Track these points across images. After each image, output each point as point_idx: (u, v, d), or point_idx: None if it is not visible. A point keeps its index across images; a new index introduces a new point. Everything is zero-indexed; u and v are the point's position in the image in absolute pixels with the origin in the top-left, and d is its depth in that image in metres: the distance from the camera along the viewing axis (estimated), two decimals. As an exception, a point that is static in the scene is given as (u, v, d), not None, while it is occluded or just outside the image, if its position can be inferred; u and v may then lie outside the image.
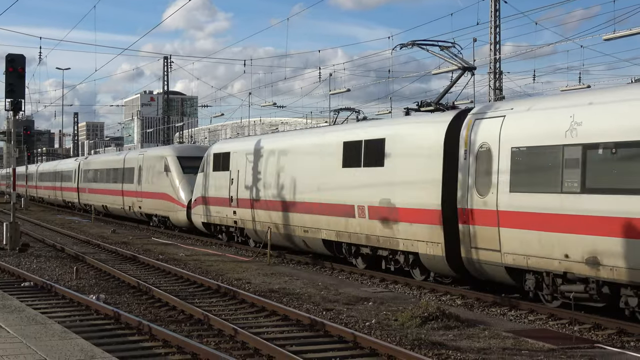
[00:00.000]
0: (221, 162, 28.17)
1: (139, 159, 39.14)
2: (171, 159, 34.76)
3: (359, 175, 19.78)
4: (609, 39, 32.86)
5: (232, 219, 27.20)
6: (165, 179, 34.69)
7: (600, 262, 12.93)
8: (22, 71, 24.81)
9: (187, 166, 33.95)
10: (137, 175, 38.93)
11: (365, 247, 19.97)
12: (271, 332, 12.55)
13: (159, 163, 35.73)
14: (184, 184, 33.25)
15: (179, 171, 33.96)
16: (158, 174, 35.66)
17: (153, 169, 36.51)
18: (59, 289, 16.39)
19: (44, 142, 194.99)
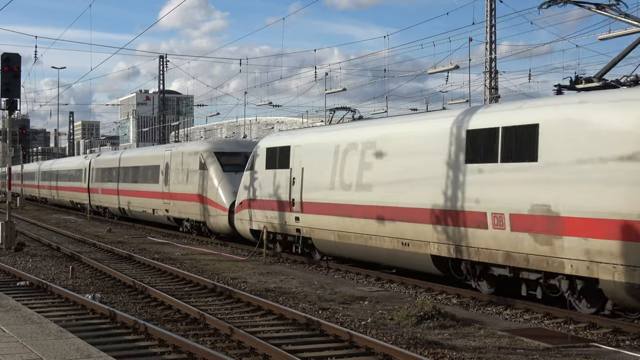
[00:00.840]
0: (277, 158, 23.69)
1: (166, 155, 34.20)
2: (208, 155, 30.03)
3: (494, 174, 15.30)
4: (604, 39, 32.89)
5: (292, 227, 22.66)
6: (201, 178, 30.10)
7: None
8: (17, 70, 24.78)
9: (227, 163, 29.56)
10: (163, 174, 34.09)
11: (500, 268, 15.56)
12: (267, 331, 12.56)
13: (193, 160, 31.04)
14: (225, 184, 28.70)
15: (218, 169, 29.37)
16: (191, 173, 31.04)
17: (184, 166, 31.81)
18: (54, 288, 16.37)
19: (40, 141, 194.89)
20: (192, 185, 30.85)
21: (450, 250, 16.43)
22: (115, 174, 41.97)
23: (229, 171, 29.10)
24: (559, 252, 13.70)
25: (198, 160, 30.55)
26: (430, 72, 42.84)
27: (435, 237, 16.82)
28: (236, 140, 37.69)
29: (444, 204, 16.52)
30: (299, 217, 22.24)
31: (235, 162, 29.48)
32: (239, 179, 27.04)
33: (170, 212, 33.37)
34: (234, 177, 28.32)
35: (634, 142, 12.57)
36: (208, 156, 30.04)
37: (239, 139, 37.04)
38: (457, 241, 16.18)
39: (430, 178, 16.96)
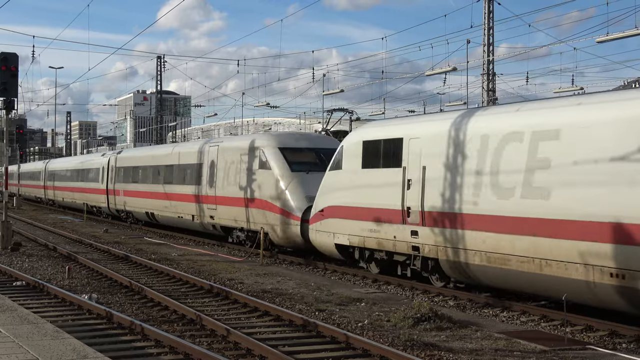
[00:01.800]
0: (381, 154, 18.73)
1: (211, 152, 28.90)
2: (271, 152, 24.86)
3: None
4: (602, 42, 32.95)
5: (406, 243, 17.59)
6: (262, 179, 24.89)
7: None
8: (14, 70, 24.75)
9: (295, 161, 24.46)
10: (207, 173, 28.86)
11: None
12: (264, 333, 12.55)
13: (250, 157, 25.97)
14: (295, 186, 23.48)
15: (285, 168, 24.15)
16: (247, 173, 25.86)
17: (238, 165, 26.57)
18: (51, 289, 16.35)
19: (37, 141, 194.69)
20: (248, 187, 25.71)
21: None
22: (143, 173, 36.65)
23: (298, 171, 24.01)
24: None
25: (257, 157, 25.35)
26: (428, 74, 42.90)
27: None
28: (304, 134, 30.65)
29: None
30: (418, 232, 17.14)
31: (305, 159, 24.71)
32: (311, 180, 23.09)
33: (216, 219, 28.08)
34: (305, 178, 23.62)
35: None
36: (271, 153, 24.86)
37: (307, 133, 30.58)
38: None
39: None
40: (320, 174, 22.22)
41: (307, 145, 25.45)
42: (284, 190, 23.58)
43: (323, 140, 26.88)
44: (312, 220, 21.47)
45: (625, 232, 12.26)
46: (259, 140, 26.00)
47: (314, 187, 22.00)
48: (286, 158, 24.44)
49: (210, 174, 28.52)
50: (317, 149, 25.24)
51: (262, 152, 25.15)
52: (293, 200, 23.17)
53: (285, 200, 23.42)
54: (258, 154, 25.34)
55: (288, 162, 24.31)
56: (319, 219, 20.96)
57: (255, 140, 26.37)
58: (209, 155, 28.91)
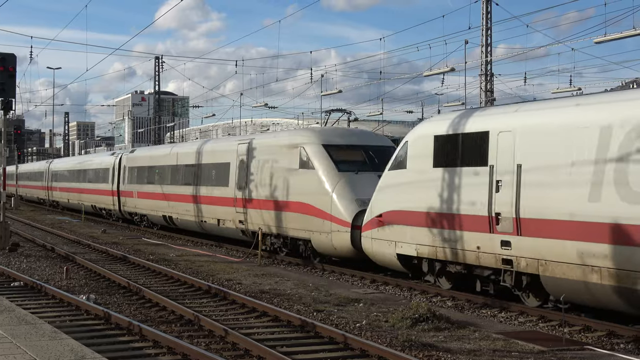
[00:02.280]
0: (460, 151, 16.05)
1: (241, 149, 26.27)
2: (314, 149, 22.23)
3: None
4: (600, 42, 32.99)
5: (494, 256, 15.07)
6: (303, 180, 22.28)
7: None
8: (12, 70, 24.74)
9: (342, 160, 21.88)
10: (236, 173, 26.32)
11: None
12: (262, 333, 12.55)
13: (287, 155, 23.27)
14: (344, 188, 20.85)
15: (331, 168, 21.55)
16: (284, 173, 23.26)
17: (274, 164, 23.97)
18: (49, 289, 16.34)
19: (35, 142, 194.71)
20: (285, 189, 23.04)
21: None
22: (160, 173, 33.83)
23: (345, 171, 21.42)
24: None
25: (297, 155, 22.66)
26: (426, 74, 42.95)
27: None
28: (350, 130, 27.42)
29: None
30: (511, 242, 14.68)
31: (353, 158, 22.09)
32: (361, 181, 20.88)
33: (248, 224, 25.43)
34: (354, 179, 21.12)
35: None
36: (314, 150, 22.18)
37: (352, 128, 28.09)
38: None
39: None
40: (370, 174, 20.77)
41: (354, 142, 22.85)
42: (331, 192, 20.97)
43: (372, 136, 24.61)
44: (365, 226, 18.96)
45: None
46: (299, 137, 23.32)
47: (365, 189, 20.07)
48: (331, 156, 21.85)
49: (240, 175, 25.94)
50: (365, 146, 22.61)
51: (303, 150, 22.47)
52: (341, 204, 20.55)
53: (331, 203, 20.84)
54: (298, 152, 22.63)
55: (334, 160, 21.72)
56: (376, 226, 18.38)
57: (294, 136, 23.87)
58: (239, 154, 26.31)
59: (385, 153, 21.78)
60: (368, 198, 19.26)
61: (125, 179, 38.53)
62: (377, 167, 20.88)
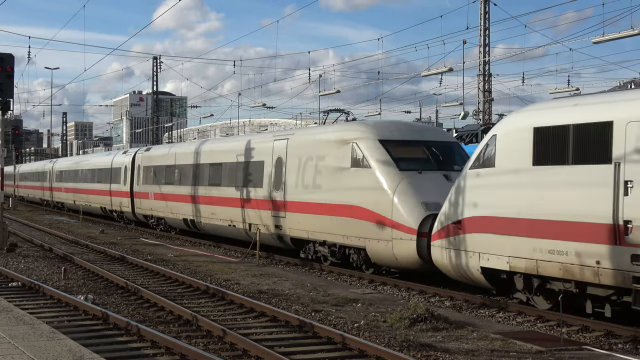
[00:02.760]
0: (572, 145, 13.48)
1: (279, 146, 23.57)
2: (370, 145, 19.59)
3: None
4: (598, 42, 33.02)
5: (623, 273, 12.54)
6: (357, 180, 19.63)
7: None
8: (10, 70, 24.73)
9: (403, 158, 19.27)
10: (273, 173, 23.62)
11: None
12: (260, 333, 12.55)
13: (338, 152, 20.57)
14: (407, 190, 18.28)
15: (391, 167, 18.94)
16: (334, 172, 20.59)
17: (319, 162, 21.33)
18: (47, 289, 16.33)
19: (33, 142, 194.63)
20: (333, 190, 20.45)
21: None
22: (181, 173, 31.32)
23: (407, 170, 18.86)
24: None
25: (349, 152, 20.12)
26: (424, 74, 42.99)
27: None
28: (408, 123, 24.53)
29: None
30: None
31: (415, 155, 19.58)
32: (426, 182, 18.48)
33: (285, 229, 22.81)
34: (418, 179, 18.59)
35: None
36: (370, 147, 19.58)
37: (411, 122, 24.50)
38: None
39: None
40: (435, 174, 18.67)
41: (415, 137, 20.27)
42: (391, 194, 18.35)
43: (433, 131, 22.26)
44: (437, 235, 16.37)
45: None
46: (351, 131, 20.63)
47: (431, 191, 17.98)
48: (390, 153, 19.23)
49: (277, 174, 23.32)
50: (428, 141, 20.06)
51: (356, 146, 19.85)
52: (405, 208, 17.96)
53: (392, 207, 18.21)
54: (350, 149, 20.05)
55: (393, 158, 19.11)
56: (452, 234, 15.80)
57: (344, 130, 21.08)
58: (275, 151, 23.65)
59: (450, 150, 19.89)
60: (435, 201, 17.37)
61: (139, 179, 36.20)
62: (442, 165, 19.07)
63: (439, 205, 16.81)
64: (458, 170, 18.00)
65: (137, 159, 36.99)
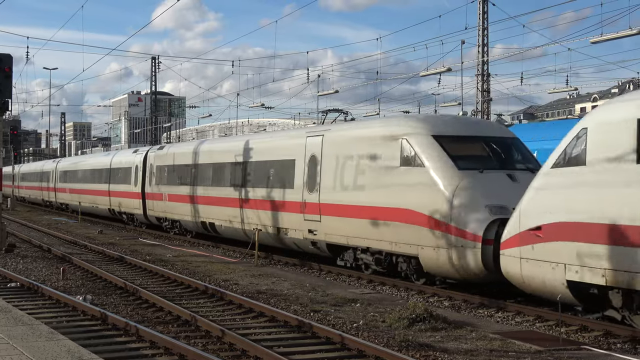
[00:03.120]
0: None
1: (312, 143, 21.69)
2: (423, 142, 17.63)
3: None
4: (596, 42, 33.04)
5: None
6: (408, 180, 17.63)
7: None
8: (9, 71, 24.68)
9: (461, 155, 17.35)
10: (305, 172, 21.71)
11: None
12: (259, 334, 12.55)
13: (384, 149, 18.55)
14: (469, 191, 16.35)
15: (448, 165, 16.98)
16: (379, 171, 18.60)
17: (360, 160, 19.35)
18: (45, 290, 16.32)
19: (31, 142, 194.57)
20: (379, 192, 18.47)
21: None
22: (199, 173, 29.39)
23: (466, 169, 16.91)
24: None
25: (398, 149, 18.12)
26: (422, 74, 43.01)
27: None
28: (463, 118, 22.69)
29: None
30: None
31: (475, 152, 17.82)
32: (489, 182, 16.58)
33: (320, 234, 20.88)
34: (480, 179, 16.66)
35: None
36: (423, 143, 17.61)
37: (467, 117, 22.53)
38: None
39: None
40: (498, 173, 16.87)
41: (473, 133, 18.36)
42: (450, 196, 16.40)
43: (491, 126, 20.31)
44: (509, 242, 14.17)
45: None
46: (400, 126, 18.65)
47: (496, 193, 16.17)
48: (446, 150, 17.30)
49: (311, 174, 21.37)
50: (487, 137, 18.14)
51: (406, 143, 17.87)
52: (467, 212, 16.04)
53: (451, 211, 16.26)
54: (399, 146, 18.06)
55: (450, 156, 17.16)
56: (529, 242, 13.65)
57: (392, 125, 19.12)
58: (308, 149, 21.74)
59: (511, 146, 18.07)
60: (500, 204, 15.70)
61: (152, 179, 34.21)
62: (505, 164, 17.28)
63: (504, 208, 15.38)
64: (522, 170, 16.93)
65: (150, 157, 35.07)
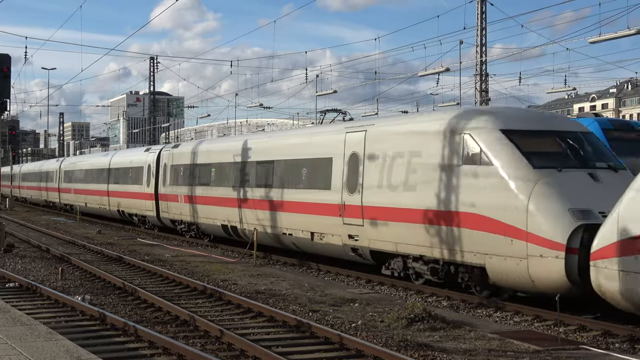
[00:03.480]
0: None
1: (353, 139, 19.64)
2: (490, 137, 15.59)
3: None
4: (594, 42, 33.03)
5: None
6: (472, 180, 15.58)
7: None
8: (7, 71, 24.66)
9: (535, 152, 15.19)
10: (344, 172, 19.76)
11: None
12: (257, 334, 12.55)
13: (443, 145, 16.47)
14: (548, 193, 14.29)
15: (522, 164, 14.87)
16: (437, 170, 16.44)
17: (413, 158, 17.24)
18: (44, 290, 16.31)
19: (29, 142, 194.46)
20: (437, 193, 16.35)
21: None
22: (220, 172, 27.58)
23: (543, 167, 14.85)
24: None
25: (460, 146, 16.06)
26: (421, 74, 42.98)
27: None
28: (532, 111, 20.63)
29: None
30: None
31: (550, 149, 15.57)
32: (570, 182, 14.60)
33: (363, 240, 18.86)
34: (560, 179, 14.63)
35: None
36: (490, 138, 15.58)
37: (534, 110, 20.52)
38: None
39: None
40: (579, 172, 14.90)
41: (547, 127, 16.15)
42: (525, 199, 14.34)
43: (563, 120, 18.34)
44: (602, 252, 12.12)
45: None
46: (462, 120, 16.46)
47: (578, 195, 14.29)
48: (518, 147, 15.22)
49: (351, 173, 19.39)
50: (562, 132, 15.99)
51: (470, 138, 15.85)
52: (547, 217, 14.00)
53: (527, 215, 14.20)
54: (462, 141, 16.02)
55: (523, 153, 15.07)
56: (634, 252, 11.52)
57: (451, 119, 16.76)
58: (348, 145, 19.75)
59: (588, 142, 16.07)
60: (585, 208, 13.84)
61: (166, 179, 32.31)
62: (585, 161, 15.29)
63: (589, 212, 13.71)
64: (603, 168, 15.19)
65: (163, 156, 33.19)
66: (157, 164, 33.73)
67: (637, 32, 31.20)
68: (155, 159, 34.04)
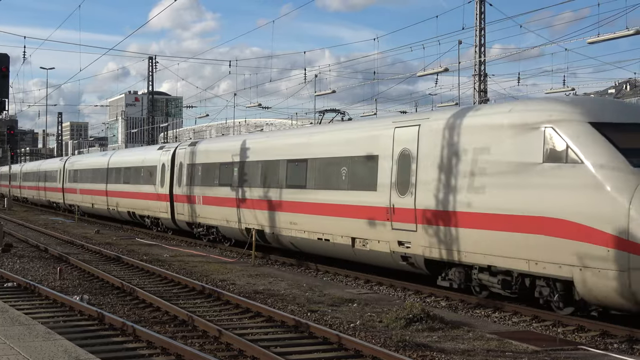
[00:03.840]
0: None
1: (403, 135, 17.66)
2: (577, 130, 13.61)
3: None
4: (593, 42, 33.04)
5: None
6: (555, 181, 13.60)
7: None
8: (5, 70, 24.65)
9: (633, 148, 13.26)
10: (392, 171, 17.77)
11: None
12: (256, 334, 12.54)
13: (518, 141, 14.44)
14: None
15: (619, 162, 12.93)
16: (510, 169, 14.46)
17: (480, 156, 15.20)
18: (42, 290, 16.31)
19: (28, 142, 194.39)
20: (511, 195, 14.35)
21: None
22: (244, 172, 25.43)
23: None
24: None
25: (540, 140, 14.02)
26: (419, 74, 42.95)
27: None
28: (620, 101, 19.13)
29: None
30: None
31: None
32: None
33: (416, 247, 16.91)
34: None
35: None
36: (578, 132, 13.58)
37: (622, 101, 18.78)
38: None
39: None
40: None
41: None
42: (626, 203, 12.42)
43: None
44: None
45: None
46: (541, 111, 14.49)
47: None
48: (613, 142, 13.27)
49: (402, 173, 17.40)
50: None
51: (552, 132, 13.85)
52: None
53: (629, 222, 12.27)
54: (543, 136, 14.01)
55: (619, 149, 13.14)
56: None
57: (525, 110, 14.91)
58: (398, 142, 17.74)
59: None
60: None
61: (182, 179, 30.27)
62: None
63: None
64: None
65: (179, 155, 31.07)
66: (172, 163, 31.72)
67: (636, 33, 31.20)
68: (170, 157, 32.00)
